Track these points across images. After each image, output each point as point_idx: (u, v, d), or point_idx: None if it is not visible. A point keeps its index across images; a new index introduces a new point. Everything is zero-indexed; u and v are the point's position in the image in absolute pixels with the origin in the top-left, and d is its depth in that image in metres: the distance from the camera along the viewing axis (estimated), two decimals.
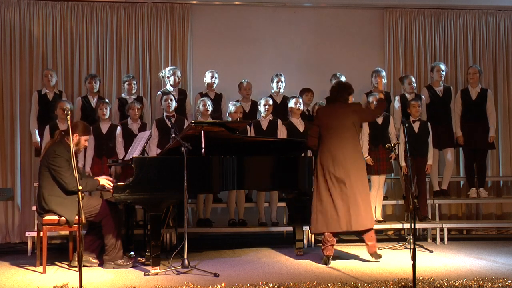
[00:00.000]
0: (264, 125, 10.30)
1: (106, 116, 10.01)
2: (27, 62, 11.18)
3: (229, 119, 10.06)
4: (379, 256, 8.47)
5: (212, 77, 10.81)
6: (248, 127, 10.08)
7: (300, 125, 10.30)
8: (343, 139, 8.29)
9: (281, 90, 10.98)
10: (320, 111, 8.97)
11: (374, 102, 9.71)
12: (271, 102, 10.36)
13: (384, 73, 10.86)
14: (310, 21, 12.07)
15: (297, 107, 10.30)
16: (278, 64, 11.46)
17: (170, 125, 9.72)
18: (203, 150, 8.21)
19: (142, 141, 9.11)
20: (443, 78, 11.10)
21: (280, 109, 10.87)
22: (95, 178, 8.39)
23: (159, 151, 9.70)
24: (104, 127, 10.01)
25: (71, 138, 6.61)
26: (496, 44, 12.46)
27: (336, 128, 8.37)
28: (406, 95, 10.97)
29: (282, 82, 10.96)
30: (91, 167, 9.86)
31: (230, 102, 10.42)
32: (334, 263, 8.39)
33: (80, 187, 6.15)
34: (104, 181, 8.22)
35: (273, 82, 10.96)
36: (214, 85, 10.87)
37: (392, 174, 11.06)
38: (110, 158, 9.77)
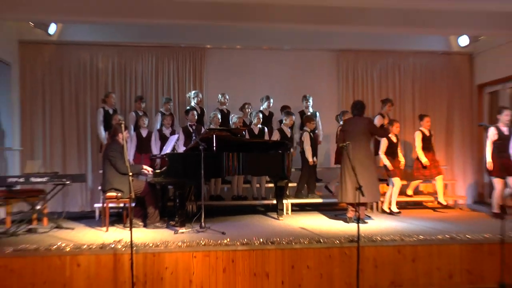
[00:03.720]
0: (256, 130, 10.39)
1: (145, 125, 10.18)
2: (96, 87, 11.28)
3: (233, 127, 10.09)
4: (364, 221, 8.64)
5: (224, 98, 10.92)
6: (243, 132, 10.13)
7: (288, 132, 10.44)
8: (359, 140, 8.37)
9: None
10: (346, 121, 8.95)
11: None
12: (261, 115, 10.51)
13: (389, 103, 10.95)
14: (288, 59, 12.06)
15: (291, 122, 10.49)
16: (267, 89, 11.44)
17: (192, 131, 9.89)
18: (214, 148, 8.37)
19: (172, 142, 9.24)
20: None
21: (268, 119, 11.01)
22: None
23: (184, 149, 9.76)
24: (144, 132, 10.14)
25: (124, 137, 6.66)
26: (413, 78, 12.49)
27: (356, 133, 8.43)
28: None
29: (271, 102, 11.05)
30: (134, 159, 9.99)
31: (234, 115, 10.44)
32: (304, 225, 8.47)
33: (130, 173, 6.23)
34: (145, 167, 8.34)
35: (264, 102, 10.99)
36: (227, 103, 10.97)
37: None
38: (147, 154, 9.86)
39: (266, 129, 10.62)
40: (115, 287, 6.27)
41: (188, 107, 10.54)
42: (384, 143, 9.83)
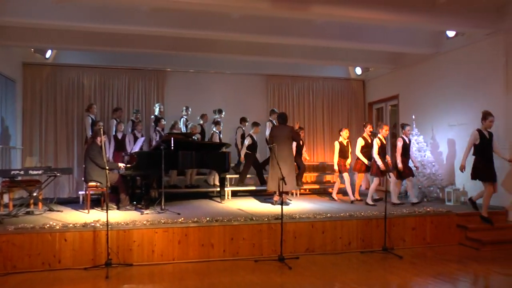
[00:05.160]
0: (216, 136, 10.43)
1: (122, 129, 9.90)
2: (82, 99, 10.90)
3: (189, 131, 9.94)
4: (287, 204, 8.53)
5: (187, 110, 10.77)
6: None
7: (256, 138, 10.39)
8: (284, 143, 8.20)
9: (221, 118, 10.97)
10: (274, 128, 8.73)
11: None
12: (219, 125, 10.58)
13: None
14: (230, 81, 11.94)
15: (257, 131, 10.38)
16: (213, 104, 11.27)
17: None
18: (172, 147, 8.19)
19: (140, 143, 9.05)
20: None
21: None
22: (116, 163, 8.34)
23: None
24: (119, 135, 9.85)
25: (101, 140, 6.52)
26: (323, 97, 12.56)
27: (281, 137, 8.25)
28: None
29: (223, 114, 10.97)
30: (114, 156, 9.66)
31: (191, 123, 10.44)
32: (240, 207, 8.37)
33: (107, 167, 6.16)
34: (120, 164, 8.16)
35: (217, 114, 10.92)
36: (189, 114, 10.78)
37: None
38: (123, 151, 9.54)
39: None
40: (94, 257, 6.04)
41: (153, 116, 10.31)
42: (376, 145, 8.86)
